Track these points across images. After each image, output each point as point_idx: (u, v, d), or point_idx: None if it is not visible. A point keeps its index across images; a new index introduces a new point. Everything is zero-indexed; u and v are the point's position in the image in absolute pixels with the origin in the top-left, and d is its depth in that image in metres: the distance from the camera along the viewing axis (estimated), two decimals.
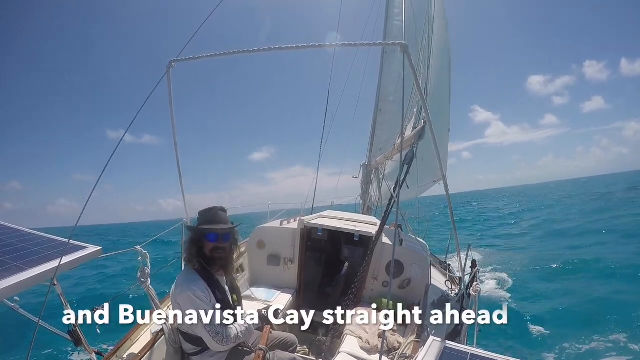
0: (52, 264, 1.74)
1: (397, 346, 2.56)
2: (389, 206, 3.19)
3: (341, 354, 2.50)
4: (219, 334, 1.96)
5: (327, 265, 4.72)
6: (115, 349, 2.18)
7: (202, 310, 1.93)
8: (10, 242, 1.97)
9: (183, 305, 1.97)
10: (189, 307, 1.94)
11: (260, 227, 4.03)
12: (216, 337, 1.95)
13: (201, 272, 2.07)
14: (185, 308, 1.96)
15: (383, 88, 7.15)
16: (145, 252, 2.17)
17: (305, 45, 2.07)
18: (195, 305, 1.94)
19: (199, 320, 1.92)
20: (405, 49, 1.87)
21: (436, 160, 2.72)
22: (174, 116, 2.59)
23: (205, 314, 1.93)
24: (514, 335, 5.94)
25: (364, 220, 4.47)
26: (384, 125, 7.05)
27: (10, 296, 1.56)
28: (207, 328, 1.94)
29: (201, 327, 1.94)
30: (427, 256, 3.61)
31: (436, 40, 5.08)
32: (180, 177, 2.80)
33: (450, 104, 6.92)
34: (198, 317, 1.92)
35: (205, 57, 2.29)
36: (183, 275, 2.08)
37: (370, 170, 7.62)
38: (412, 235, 5.93)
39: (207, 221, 2.11)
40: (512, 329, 5.98)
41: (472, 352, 1.71)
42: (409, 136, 3.05)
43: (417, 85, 2.23)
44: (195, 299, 1.95)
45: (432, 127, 2.44)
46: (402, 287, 3.44)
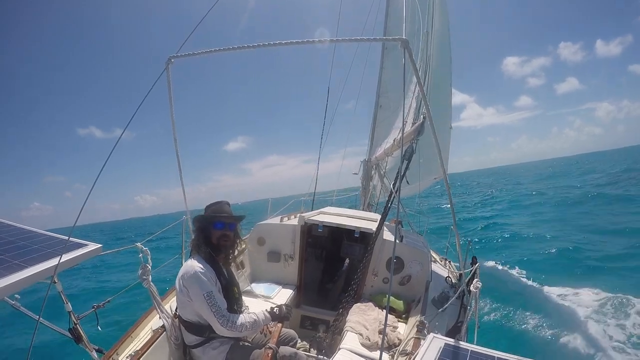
0: (52, 262, 1.74)
1: (398, 342, 2.56)
2: (388, 202, 3.18)
3: (341, 350, 2.51)
4: (224, 317, 1.99)
5: (328, 262, 4.73)
6: (116, 346, 2.19)
7: (209, 291, 1.97)
8: (11, 240, 1.97)
9: (191, 288, 1.99)
10: (196, 287, 1.97)
11: (261, 224, 4.03)
12: (222, 319, 1.97)
13: (207, 259, 2.13)
14: (192, 290, 1.99)
15: (383, 84, 7.12)
16: (146, 249, 2.17)
17: (304, 41, 2.06)
18: (202, 285, 1.97)
19: (205, 300, 1.95)
20: (405, 45, 1.86)
21: (437, 157, 2.70)
22: (173, 113, 2.58)
23: (212, 294, 1.97)
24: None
25: (364, 216, 4.47)
26: (384, 122, 7.03)
27: (11, 294, 1.56)
28: (213, 310, 1.96)
29: (208, 309, 1.96)
30: (427, 252, 3.61)
31: (436, 36, 5.05)
32: (181, 173, 2.79)
33: (451, 101, 6.90)
34: (205, 297, 1.95)
35: (204, 53, 2.28)
36: (190, 261, 2.12)
37: (371, 167, 7.61)
38: (412, 231, 5.94)
39: (213, 212, 2.23)
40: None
41: (472, 348, 1.72)
42: (408, 131, 3.03)
43: (417, 81, 2.21)
44: (203, 277, 1.99)
45: (432, 122, 2.43)
46: (403, 283, 3.45)
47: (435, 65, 4.96)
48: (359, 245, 4.16)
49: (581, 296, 6.84)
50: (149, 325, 2.46)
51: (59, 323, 1.90)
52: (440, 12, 5.63)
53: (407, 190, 6.52)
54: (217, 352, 2.12)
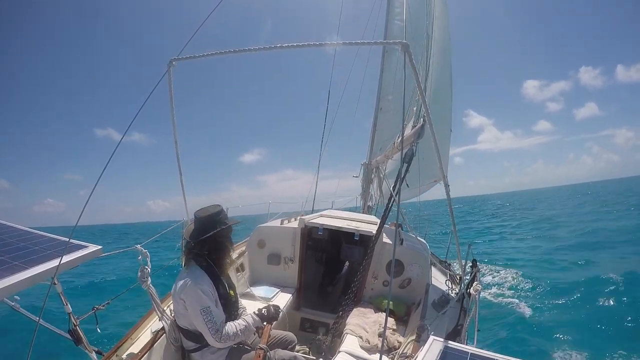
0: (53, 263, 1.74)
1: (397, 345, 2.56)
2: (388, 205, 3.18)
3: (341, 353, 2.50)
4: (218, 332, 1.98)
5: (328, 265, 4.72)
6: (115, 348, 2.18)
7: (206, 307, 1.96)
8: (11, 242, 1.97)
9: (187, 300, 1.99)
10: (194, 302, 1.96)
11: (261, 226, 4.03)
12: (215, 334, 1.97)
13: (207, 269, 2.11)
14: (189, 303, 1.98)
15: (384, 87, 7.14)
16: (145, 251, 2.17)
17: (306, 44, 2.07)
18: (200, 301, 1.96)
19: (201, 316, 1.95)
20: (406, 48, 1.87)
21: (437, 160, 2.71)
22: (174, 115, 2.59)
23: (209, 310, 1.96)
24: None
25: (364, 219, 4.47)
26: (385, 124, 7.05)
27: (10, 295, 1.56)
28: (208, 325, 1.95)
29: (203, 323, 1.96)
30: (427, 255, 3.61)
31: (437, 40, 5.07)
32: (181, 177, 2.80)
33: (452, 104, 6.92)
34: (201, 313, 1.95)
35: (206, 55, 2.29)
36: (189, 272, 2.08)
37: (371, 170, 7.62)
38: (412, 234, 5.94)
39: (214, 221, 2.15)
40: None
41: (473, 351, 1.71)
42: (408, 135, 3.04)
43: (417, 85, 2.22)
44: (202, 294, 1.97)
45: (432, 125, 2.44)
46: (403, 286, 3.44)
47: (436, 68, 4.98)
48: (358, 248, 4.15)
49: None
50: (148, 327, 2.45)
51: (59, 324, 1.90)
52: (440, 15, 5.67)
53: (408, 193, 6.52)
54: (216, 356, 2.12)
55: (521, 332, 6.24)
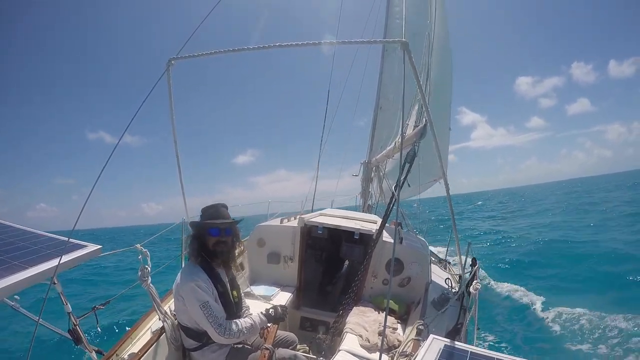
0: (52, 263, 1.74)
1: (397, 344, 2.56)
2: (390, 205, 3.18)
3: (341, 352, 2.50)
4: (221, 326, 1.98)
5: (327, 264, 4.72)
6: (115, 347, 2.18)
7: (204, 302, 1.96)
8: (10, 241, 1.96)
9: (186, 297, 2.00)
10: (192, 298, 1.97)
11: (261, 225, 4.03)
12: (219, 328, 1.97)
13: (203, 266, 2.11)
14: (188, 299, 1.99)
15: (383, 86, 7.14)
16: (145, 251, 2.16)
17: (304, 43, 2.06)
18: (198, 296, 1.96)
19: (201, 311, 1.95)
20: (405, 47, 1.87)
21: (436, 159, 2.71)
22: (174, 115, 2.58)
23: (208, 305, 1.96)
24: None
25: (364, 218, 4.47)
26: (385, 123, 7.05)
27: (10, 295, 1.56)
28: (209, 320, 1.95)
29: (204, 318, 1.96)
30: (427, 254, 3.61)
31: (437, 38, 5.06)
32: (181, 177, 2.79)
33: (451, 102, 6.91)
34: (201, 308, 1.95)
35: (205, 54, 2.29)
36: (186, 269, 2.11)
37: (371, 168, 7.62)
38: (412, 233, 5.94)
39: (209, 217, 2.18)
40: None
41: (472, 350, 1.71)
42: (410, 135, 3.04)
43: (417, 84, 2.22)
44: (198, 289, 1.97)
45: (432, 124, 2.43)
46: (402, 285, 3.44)
47: (436, 66, 4.98)
48: (358, 247, 4.15)
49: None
50: (148, 327, 2.45)
51: (59, 324, 1.90)
52: (440, 13, 5.65)
53: (408, 192, 6.52)
54: (216, 355, 2.12)
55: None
